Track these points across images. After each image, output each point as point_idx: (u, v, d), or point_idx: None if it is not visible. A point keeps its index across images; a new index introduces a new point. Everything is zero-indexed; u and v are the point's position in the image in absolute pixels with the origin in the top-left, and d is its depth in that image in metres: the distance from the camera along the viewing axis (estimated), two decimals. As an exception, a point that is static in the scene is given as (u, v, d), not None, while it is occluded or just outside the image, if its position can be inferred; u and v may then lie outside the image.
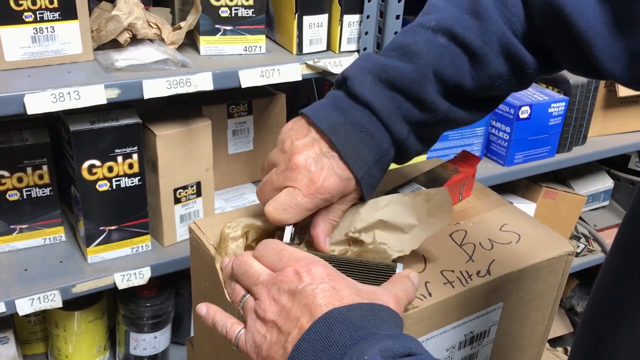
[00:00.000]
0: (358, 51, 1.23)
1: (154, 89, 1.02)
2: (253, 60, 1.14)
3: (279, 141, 0.66)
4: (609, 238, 1.88)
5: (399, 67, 0.62)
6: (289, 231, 0.64)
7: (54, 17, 1.00)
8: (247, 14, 1.13)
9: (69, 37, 1.02)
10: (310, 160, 0.62)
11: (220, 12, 1.12)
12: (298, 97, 1.58)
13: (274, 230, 0.68)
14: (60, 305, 1.10)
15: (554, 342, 1.96)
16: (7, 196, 1.12)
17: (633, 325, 0.50)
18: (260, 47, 1.17)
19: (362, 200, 0.67)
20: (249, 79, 1.10)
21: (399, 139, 0.64)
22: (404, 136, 0.64)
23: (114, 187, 1.10)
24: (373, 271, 0.61)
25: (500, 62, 0.62)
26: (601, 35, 0.54)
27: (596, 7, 0.54)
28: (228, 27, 1.14)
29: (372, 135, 0.63)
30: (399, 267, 0.60)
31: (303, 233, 0.69)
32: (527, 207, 1.69)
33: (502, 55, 0.61)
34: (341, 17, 1.18)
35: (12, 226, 1.15)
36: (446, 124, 0.66)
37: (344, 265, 0.61)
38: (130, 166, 1.10)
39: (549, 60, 0.63)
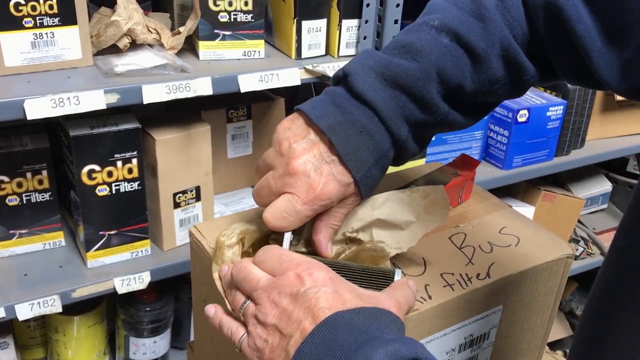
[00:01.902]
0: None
1: (154, 94, 1.03)
2: (252, 65, 1.14)
3: (275, 141, 0.63)
4: (607, 241, 1.88)
5: (403, 65, 0.60)
6: (287, 239, 0.64)
7: (53, 22, 1.00)
8: (246, 19, 1.14)
9: (68, 43, 1.02)
10: (310, 166, 0.60)
11: (219, 17, 1.12)
12: (297, 101, 1.58)
13: (269, 235, 0.68)
14: (60, 310, 1.10)
15: (554, 346, 1.96)
16: (6, 201, 1.12)
17: (626, 333, 0.50)
18: (259, 51, 1.17)
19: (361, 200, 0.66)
20: (248, 83, 1.11)
21: (399, 140, 0.63)
22: (404, 137, 0.63)
23: (114, 191, 1.10)
24: (372, 277, 0.61)
25: (500, 65, 0.61)
26: (597, 42, 0.55)
27: (591, 16, 0.55)
28: (227, 32, 1.14)
29: (373, 136, 0.61)
30: (398, 273, 0.61)
31: (299, 233, 0.69)
32: (526, 210, 1.69)
33: (501, 59, 0.61)
34: (340, 21, 1.19)
35: (11, 231, 1.15)
36: (441, 127, 0.66)
37: (343, 270, 0.61)
38: (130, 171, 1.11)
39: (547, 68, 0.63)
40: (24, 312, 1.06)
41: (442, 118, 0.63)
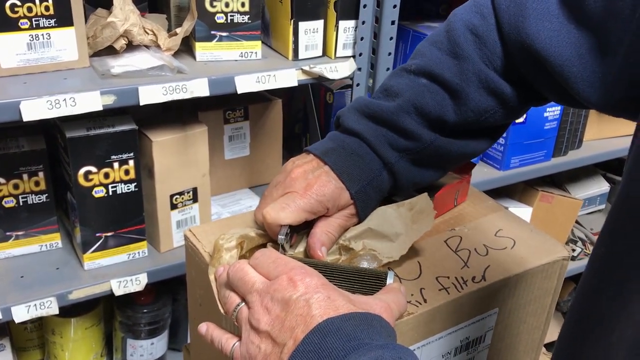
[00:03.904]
0: (354, 57, 1.23)
1: (150, 95, 1.02)
2: (249, 66, 1.14)
3: (282, 168, 0.72)
4: (605, 241, 1.88)
5: (381, 104, 0.70)
6: (284, 230, 0.65)
7: (49, 24, 1.00)
8: (242, 20, 1.13)
9: (65, 44, 1.02)
10: (308, 172, 0.68)
11: (216, 18, 1.12)
12: (294, 102, 1.58)
13: (268, 242, 0.69)
14: (57, 312, 1.09)
15: (551, 347, 1.96)
16: (3, 203, 1.12)
17: (605, 335, 0.50)
18: (256, 52, 1.17)
19: (358, 220, 0.71)
20: (245, 84, 1.10)
21: (389, 163, 0.70)
22: (394, 160, 0.70)
23: (110, 193, 1.10)
24: (364, 278, 0.61)
25: (483, 97, 0.67)
26: (575, 66, 0.59)
27: (573, 38, 0.58)
28: (224, 33, 1.14)
29: (362, 157, 0.69)
30: (390, 276, 0.61)
31: (295, 247, 0.70)
32: (524, 211, 1.69)
33: (483, 91, 0.67)
34: (337, 22, 1.19)
35: (8, 233, 1.15)
36: (442, 152, 0.71)
37: (336, 272, 0.61)
38: (127, 172, 1.10)
39: (535, 93, 0.67)
40: (21, 314, 1.06)
41: (430, 144, 0.69)
